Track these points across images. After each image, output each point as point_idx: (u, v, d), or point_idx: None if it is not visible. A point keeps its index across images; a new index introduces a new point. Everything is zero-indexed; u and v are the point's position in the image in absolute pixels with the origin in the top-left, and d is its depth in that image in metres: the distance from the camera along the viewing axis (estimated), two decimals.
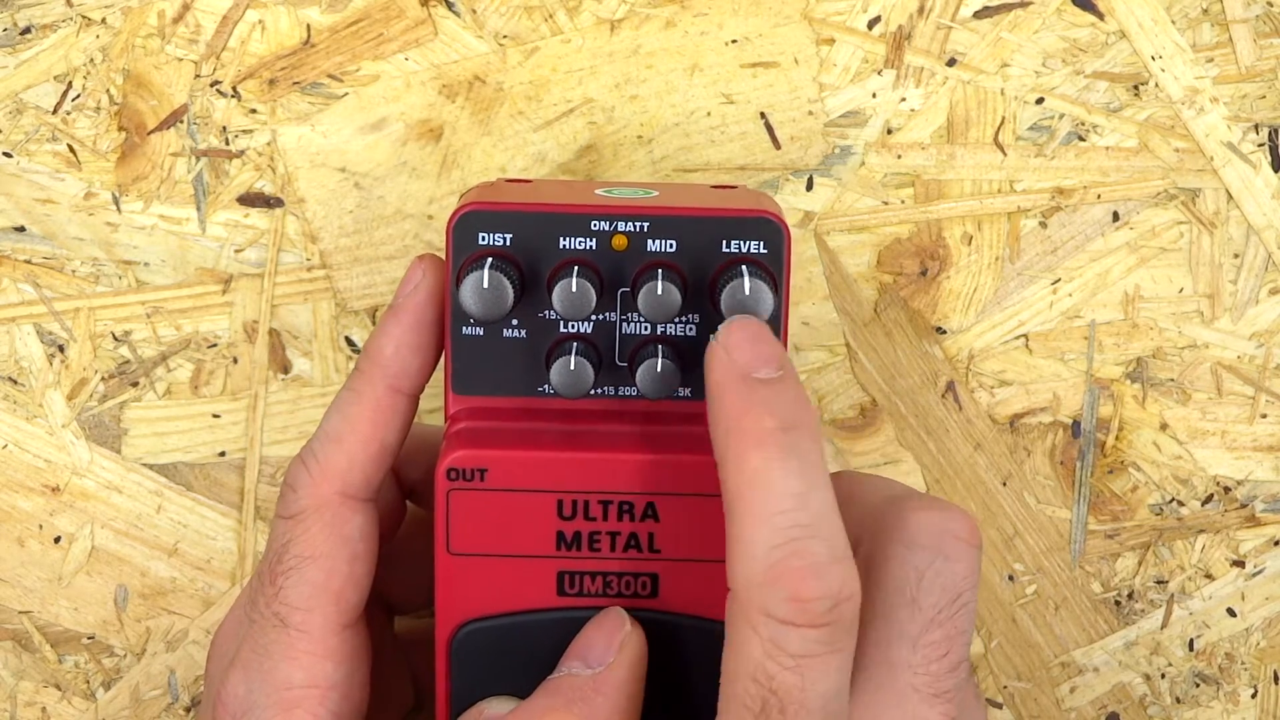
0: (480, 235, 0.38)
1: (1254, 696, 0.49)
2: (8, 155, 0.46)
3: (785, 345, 0.38)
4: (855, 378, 0.47)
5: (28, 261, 0.47)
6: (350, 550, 0.38)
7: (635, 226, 0.38)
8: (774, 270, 0.37)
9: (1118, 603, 0.48)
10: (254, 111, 0.46)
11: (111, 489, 0.48)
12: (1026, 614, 0.48)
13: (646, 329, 0.38)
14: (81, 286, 0.47)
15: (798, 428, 0.34)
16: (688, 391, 0.38)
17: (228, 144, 0.46)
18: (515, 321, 0.38)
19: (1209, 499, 0.48)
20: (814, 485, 0.33)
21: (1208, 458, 0.48)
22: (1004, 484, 0.48)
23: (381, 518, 0.40)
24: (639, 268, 0.37)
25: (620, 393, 0.38)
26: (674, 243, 0.38)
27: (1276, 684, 0.49)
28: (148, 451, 0.48)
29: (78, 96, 0.46)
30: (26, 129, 0.46)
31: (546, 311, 0.38)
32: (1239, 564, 0.48)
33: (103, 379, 0.47)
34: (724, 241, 0.38)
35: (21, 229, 0.47)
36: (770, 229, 0.37)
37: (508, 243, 0.38)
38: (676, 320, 0.38)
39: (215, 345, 0.47)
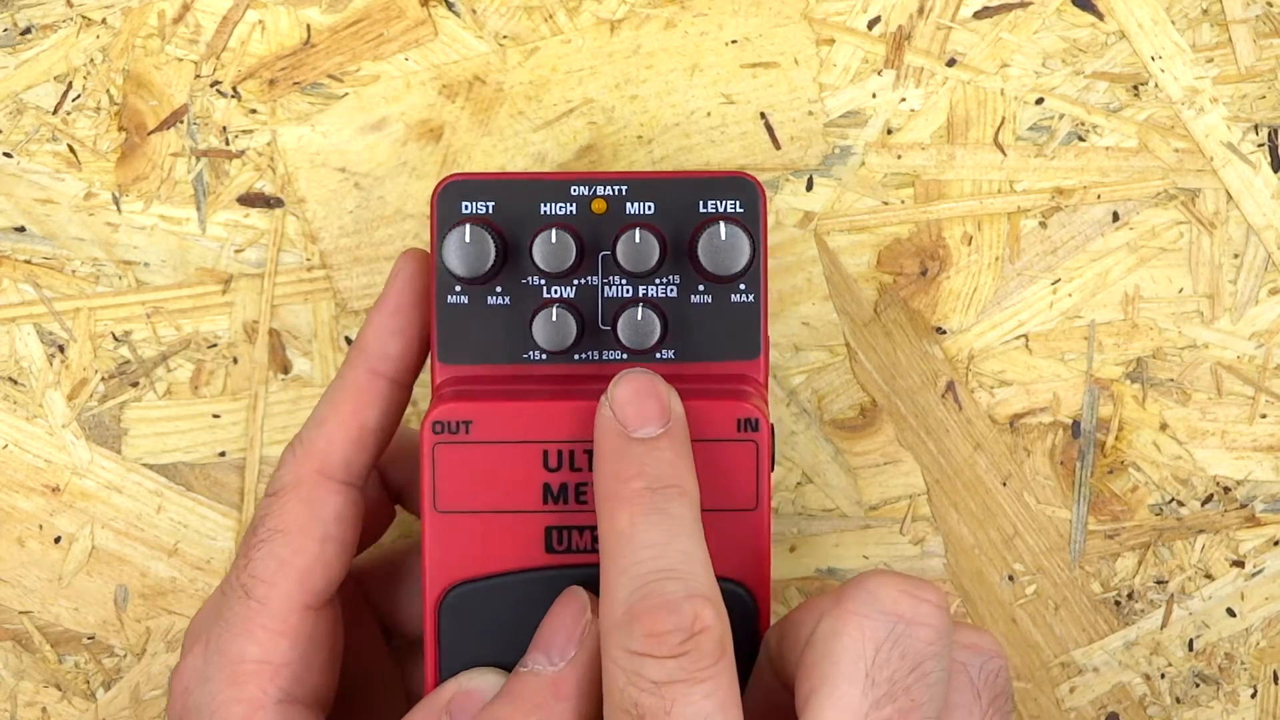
0: (464, 204, 0.38)
1: (1254, 696, 0.49)
2: (8, 155, 0.46)
3: (766, 308, 0.38)
4: (855, 378, 0.47)
5: (28, 261, 0.47)
6: (322, 530, 0.38)
7: (614, 190, 0.39)
8: (751, 228, 0.38)
9: (1117, 603, 0.48)
10: (254, 111, 0.46)
11: (111, 489, 0.48)
12: (1026, 614, 0.48)
13: (628, 291, 0.39)
14: (81, 286, 0.47)
15: (667, 487, 0.35)
16: (670, 353, 0.39)
17: (228, 144, 0.46)
18: (499, 289, 0.39)
19: (1209, 499, 0.48)
20: (675, 536, 0.34)
21: (1207, 458, 0.48)
22: (1004, 484, 0.48)
23: (365, 515, 0.40)
24: (618, 229, 0.38)
25: (604, 356, 0.39)
26: (652, 205, 0.39)
27: (1276, 684, 0.49)
28: (148, 451, 0.48)
29: (78, 97, 0.46)
30: (27, 129, 0.46)
31: (530, 277, 0.38)
32: (1239, 564, 0.48)
33: (103, 379, 0.47)
34: (701, 201, 0.38)
35: (21, 229, 0.47)
36: (746, 188, 0.38)
37: (490, 210, 0.38)
38: (656, 281, 0.39)
39: (215, 345, 0.47)
